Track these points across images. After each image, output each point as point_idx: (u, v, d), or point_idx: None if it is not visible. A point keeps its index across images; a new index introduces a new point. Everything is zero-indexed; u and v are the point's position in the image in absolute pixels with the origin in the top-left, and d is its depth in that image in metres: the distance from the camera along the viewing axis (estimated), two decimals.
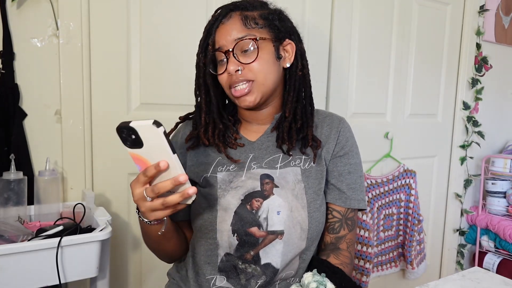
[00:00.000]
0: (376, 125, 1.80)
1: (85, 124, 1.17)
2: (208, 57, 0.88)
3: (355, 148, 0.95)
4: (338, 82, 1.65)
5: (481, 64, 2.08)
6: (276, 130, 0.92)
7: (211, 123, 0.90)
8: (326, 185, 0.92)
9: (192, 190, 0.65)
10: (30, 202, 1.05)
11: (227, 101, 0.99)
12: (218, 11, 0.89)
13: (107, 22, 1.18)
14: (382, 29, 1.75)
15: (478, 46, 2.07)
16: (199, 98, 0.92)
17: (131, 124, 0.60)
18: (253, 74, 0.85)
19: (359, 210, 0.95)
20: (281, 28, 0.88)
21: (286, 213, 0.83)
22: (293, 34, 0.92)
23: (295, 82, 0.90)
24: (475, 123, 2.11)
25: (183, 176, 0.64)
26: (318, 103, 1.60)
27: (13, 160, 0.99)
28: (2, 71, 1.07)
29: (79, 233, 0.90)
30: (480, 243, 2.16)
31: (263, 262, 0.84)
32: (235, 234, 0.83)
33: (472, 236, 2.18)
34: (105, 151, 1.22)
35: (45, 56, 1.12)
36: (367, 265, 1.64)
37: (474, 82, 2.07)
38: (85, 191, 1.12)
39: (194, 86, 0.93)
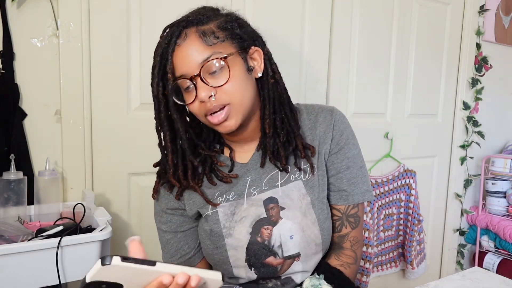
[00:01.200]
0: (376, 125, 1.80)
1: (85, 124, 1.17)
2: (169, 86, 0.76)
3: (352, 138, 0.88)
4: (338, 82, 1.65)
5: (481, 64, 2.08)
6: (261, 149, 0.85)
7: (180, 164, 0.80)
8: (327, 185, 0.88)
9: (194, 281, 0.51)
10: (30, 202, 1.05)
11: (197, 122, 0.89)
12: (168, 31, 0.77)
13: (107, 22, 1.18)
14: (382, 29, 1.75)
15: (478, 46, 2.07)
16: (162, 135, 0.80)
17: (87, 280, 0.48)
18: (228, 96, 0.75)
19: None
20: (244, 36, 0.79)
21: (299, 235, 0.81)
22: (257, 39, 0.82)
23: (268, 91, 0.82)
24: (475, 123, 2.11)
25: (181, 277, 0.51)
26: (318, 103, 1.60)
27: (13, 160, 0.99)
28: (2, 71, 1.07)
29: (79, 233, 0.91)
30: (480, 243, 2.16)
31: (283, 277, 0.84)
32: (252, 268, 0.82)
33: (472, 236, 2.18)
34: (105, 151, 1.22)
35: (45, 56, 1.12)
36: (367, 265, 1.64)
37: (474, 82, 2.07)
38: (85, 191, 1.12)
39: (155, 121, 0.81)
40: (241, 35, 0.78)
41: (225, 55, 0.74)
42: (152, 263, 0.50)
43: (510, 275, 1.11)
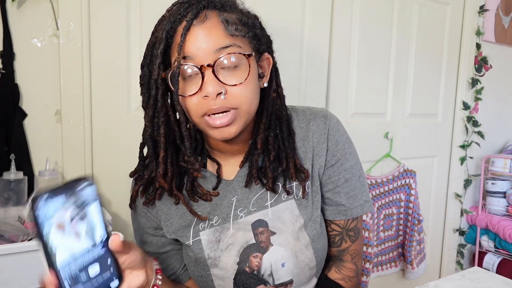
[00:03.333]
0: (376, 125, 1.80)
1: (85, 124, 1.17)
2: (177, 69, 0.62)
3: (348, 147, 0.79)
4: (338, 82, 1.65)
5: (481, 64, 2.08)
6: (246, 163, 0.76)
7: (169, 166, 0.70)
8: (322, 199, 0.80)
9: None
10: None
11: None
12: (179, 6, 0.65)
13: (107, 22, 1.18)
14: (382, 29, 1.75)
15: (478, 46, 2.07)
16: (157, 129, 0.68)
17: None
18: (238, 100, 0.64)
19: None
20: (262, 39, 0.70)
21: (292, 262, 0.74)
22: (270, 46, 0.74)
23: (268, 105, 0.73)
24: (475, 123, 2.11)
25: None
26: (318, 103, 1.60)
27: (13, 160, 0.99)
28: (2, 71, 1.07)
29: None
30: (480, 243, 2.16)
31: None
32: None
33: (472, 236, 2.18)
34: (105, 151, 1.22)
35: (45, 56, 1.12)
36: (367, 265, 1.64)
37: (474, 82, 2.07)
38: None
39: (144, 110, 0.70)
40: (260, 37, 0.70)
41: (248, 53, 0.65)
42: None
43: (510, 275, 1.11)
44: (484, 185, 2.15)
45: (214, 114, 0.65)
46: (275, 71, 0.75)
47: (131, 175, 0.78)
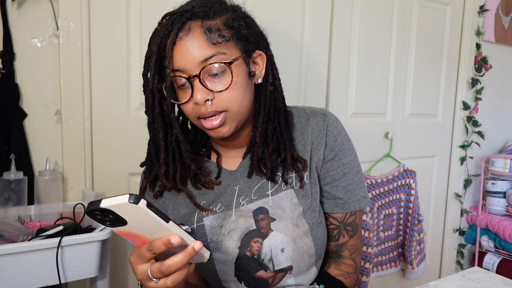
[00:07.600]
0: (376, 125, 1.80)
1: (85, 124, 1.17)
2: (167, 82, 0.70)
3: (346, 143, 0.83)
4: (338, 82, 1.65)
5: (481, 64, 2.09)
6: (248, 156, 0.81)
7: (171, 164, 0.76)
8: (320, 193, 0.83)
9: (197, 245, 0.55)
10: (30, 202, 1.05)
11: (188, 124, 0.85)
12: (168, 18, 0.70)
13: (107, 22, 1.18)
14: (382, 29, 1.75)
15: (478, 46, 2.07)
16: (156, 133, 0.74)
17: (102, 205, 0.49)
18: (225, 104, 0.70)
19: None
20: (250, 38, 0.73)
21: (291, 247, 0.77)
22: (262, 42, 0.76)
23: (265, 99, 0.77)
24: (475, 123, 2.11)
25: (198, 244, 0.54)
26: (318, 103, 1.60)
27: (13, 160, 0.99)
28: (2, 71, 1.07)
29: (79, 233, 0.90)
30: (480, 243, 2.16)
31: None
32: (242, 282, 0.78)
33: (472, 236, 2.18)
34: (105, 151, 1.22)
35: (45, 56, 1.12)
36: (367, 265, 1.64)
37: (474, 82, 2.07)
38: (85, 191, 1.12)
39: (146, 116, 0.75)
40: (247, 37, 0.72)
41: (230, 61, 0.69)
42: (167, 219, 0.52)
43: (510, 275, 1.11)
44: (484, 185, 2.15)
45: (206, 117, 0.71)
46: (270, 65, 0.77)
47: (141, 165, 0.83)
